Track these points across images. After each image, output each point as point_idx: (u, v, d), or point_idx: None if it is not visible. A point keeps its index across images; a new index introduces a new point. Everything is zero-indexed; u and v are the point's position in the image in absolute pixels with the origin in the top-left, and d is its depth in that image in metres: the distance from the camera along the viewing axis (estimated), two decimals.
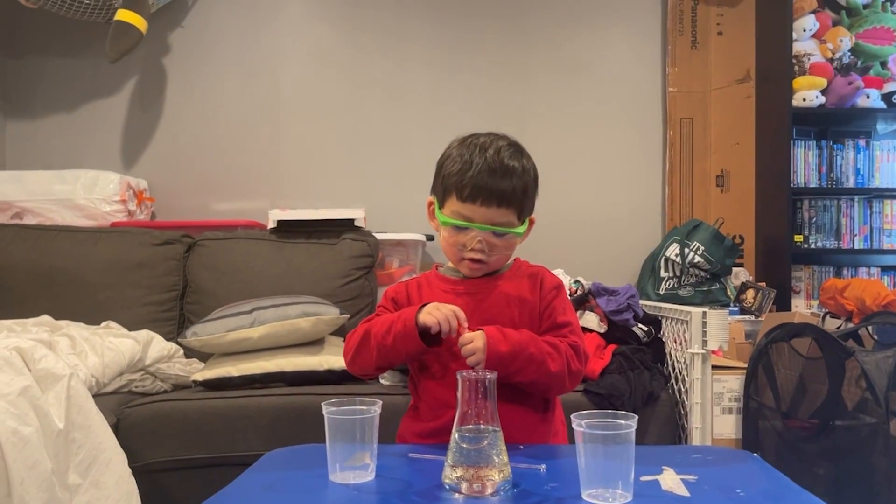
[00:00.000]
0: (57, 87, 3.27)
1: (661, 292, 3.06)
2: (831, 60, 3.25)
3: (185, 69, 3.31)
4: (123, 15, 2.82)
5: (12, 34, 3.26)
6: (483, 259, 1.29)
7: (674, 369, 2.41)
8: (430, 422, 1.29)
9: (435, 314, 1.20)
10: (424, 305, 1.23)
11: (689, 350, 2.24)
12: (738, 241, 3.28)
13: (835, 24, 3.31)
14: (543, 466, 1.09)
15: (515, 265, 1.39)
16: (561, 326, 1.31)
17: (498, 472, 0.99)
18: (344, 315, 2.37)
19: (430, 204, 1.35)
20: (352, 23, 3.34)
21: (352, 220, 2.82)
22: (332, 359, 2.23)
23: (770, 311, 2.99)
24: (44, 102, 3.27)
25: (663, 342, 2.46)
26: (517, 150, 1.31)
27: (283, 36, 3.34)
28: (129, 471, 1.77)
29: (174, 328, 2.66)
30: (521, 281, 1.34)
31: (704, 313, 2.23)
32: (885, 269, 3.26)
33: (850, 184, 3.24)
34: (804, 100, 3.14)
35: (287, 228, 2.81)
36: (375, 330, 1.27)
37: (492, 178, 1.24)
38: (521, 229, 1.30)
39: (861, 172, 3.24)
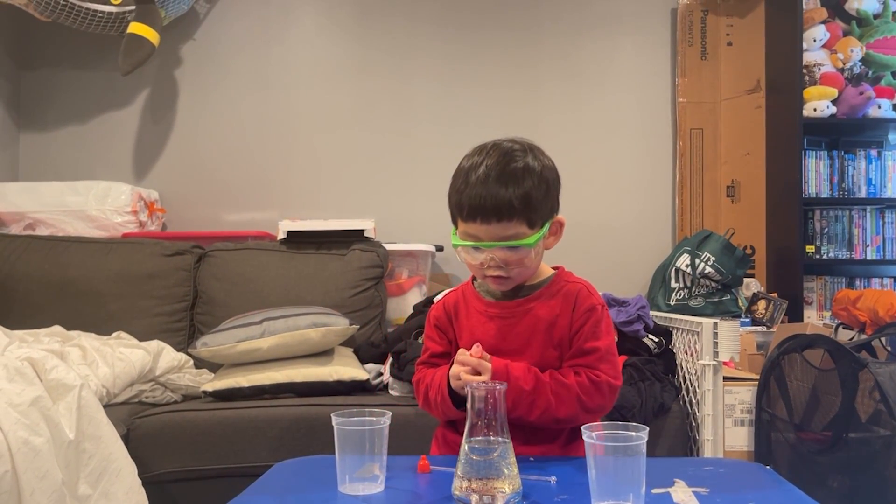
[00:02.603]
0: (70, 99, 3.31)
1: (672, 303, 3.04)
2: (842, 70, 3.24)
3: (196, 81, 3.34)
4: (136, 28, 2.85)
5: (26, 47, 3.30)
6: (503, 275, 1.23)
7: (685, 381, 2.39)
8: None
9: (465, 379, 1.19)
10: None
11: (701, 361, 2.23)
12: (749, 251, 3.27)
13: (845, 34, 3.30)
14: (554, 478, 1.09)
15: (555, 279, 1.32)
16: (585, 354, 1.25)
17: (508, 483, 0.99)
18: (353, 326, 2.38)
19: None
20: (362, 35, 3.36)
21: (361, 231, 2.83)
22: (341, 369, 2.23)
23: (782, 321, 2.97)
24: (57, 114, 3.31)
25: (674, 353, 2.44)
26: (520, 150, 1.22)
27: (293, 48, 3.36)
28: (139, 481, 1.77)
29: (184, 339, 2.67)
30: (557, 301, 1.28)
31: (715, 324, 2.21)
32: None
33: (863, 194, 3.22)
34: (815, 110, 3.13)
35: (297, 239, 2.82)
36: (431, 398, 1.29)
37: (486, 192, 1.17)
38: (532, 239, 1.21)
39: (873, 182, 3.23)
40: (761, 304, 3.02)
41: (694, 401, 2.29)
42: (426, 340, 1.37)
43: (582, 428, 0.96)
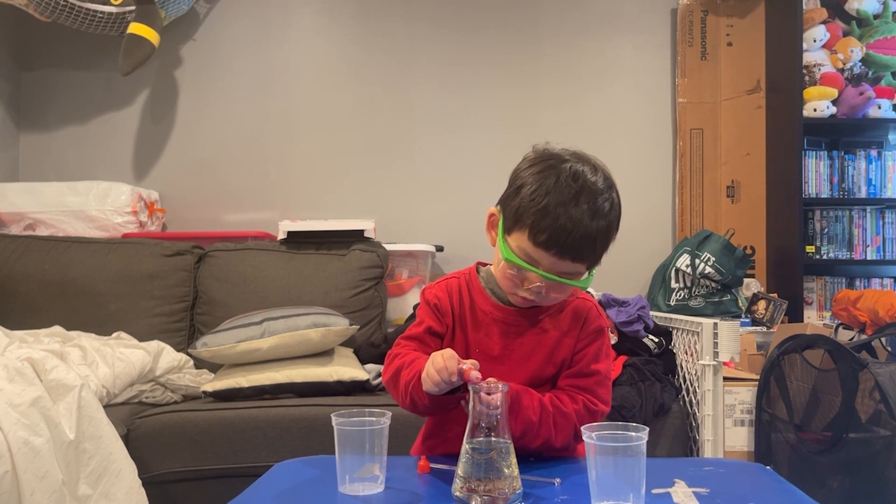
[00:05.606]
0: (70, 99, 3.31)
1: (672, 303, 3.04)
2: (842, 71, 3.24)
3: (196, 82, 3.34)
4: (136, 28, 2.85)
5: (26, 47, 3.30)
6: (536, 301, 1.20)
7: (685, 381, 2.39)
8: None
9: (432, 377, 1.07)
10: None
11: (701, 361, 2.23)
12: (749, 251, 3.27)
13: (845, 34, 3.30)
14: (558, 480, 1.08)
15: None
16: (587, 376, 1.23)
17: (508, 484, 0.99)
18: (353, 326, 2.38)
19: (492, 215, 1.22)
20: (361, 35, 3.36)
21: (361, 231, 2.83)
22: (341, 370, 2.23)
23: (782, 322, 2.97)
24: (57, 115, 3.30)
25: (674, 354, 2.45)
26: (606, 188, 1.20)
27: (293, 48, 3.36)
28: (139, 482, 1.77)
29: (185, 339, 2.67)
30: (564, 317, 1.25)
31: (715, 324, 2.22)
32: None
33: (863, 194, 3.22)
34: (815, 110, 3.13)
35: (297, 239, 2.82)
36: (404, 379, 1.17)
37: (576, 230, 1.12)
38: (587, 282, 1.19)
39: (873, 183, 3.23)
40: (761, 305, 3.02)
41: (694, 401, 2.29)
42: (420, 315, 1.29)
43: (582, 428, 0.96)
